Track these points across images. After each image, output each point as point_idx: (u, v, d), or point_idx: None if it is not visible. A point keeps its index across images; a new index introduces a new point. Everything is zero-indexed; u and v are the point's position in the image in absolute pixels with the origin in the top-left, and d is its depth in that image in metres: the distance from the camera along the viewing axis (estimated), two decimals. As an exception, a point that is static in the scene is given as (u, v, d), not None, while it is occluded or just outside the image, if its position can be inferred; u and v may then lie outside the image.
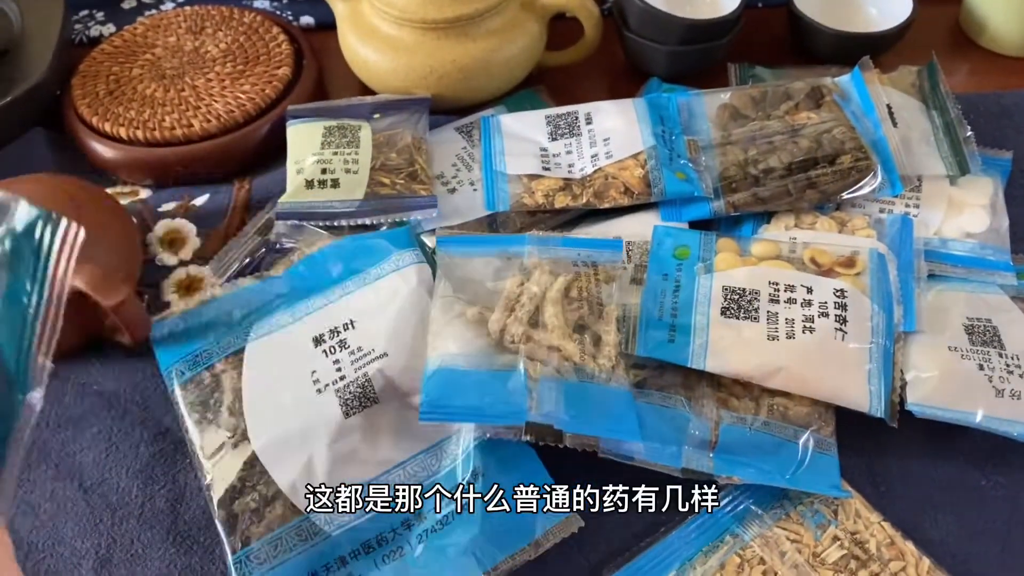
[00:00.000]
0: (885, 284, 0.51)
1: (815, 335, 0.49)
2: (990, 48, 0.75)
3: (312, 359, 0.49)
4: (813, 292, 0.50)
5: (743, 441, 0.47)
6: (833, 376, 0.48)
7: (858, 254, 0.52)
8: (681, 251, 0.54)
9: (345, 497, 0.45)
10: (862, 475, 0.48)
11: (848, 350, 0.48)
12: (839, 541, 0.45)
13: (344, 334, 0.50)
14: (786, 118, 0.60)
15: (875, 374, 0.48)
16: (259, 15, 0.75)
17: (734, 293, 0.50)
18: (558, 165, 0.60)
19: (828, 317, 0.49)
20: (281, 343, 0.50)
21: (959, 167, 0.59)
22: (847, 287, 0.50)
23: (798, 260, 0.53)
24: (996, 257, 0.56)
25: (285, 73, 0.69)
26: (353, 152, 0.59)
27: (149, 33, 0.73)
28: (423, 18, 0.63)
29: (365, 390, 0.47)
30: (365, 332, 0.50)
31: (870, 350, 0.49)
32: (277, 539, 0.44)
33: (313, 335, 0.50)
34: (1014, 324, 0.51)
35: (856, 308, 0.50)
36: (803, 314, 0.49)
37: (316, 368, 0.48)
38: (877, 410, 0.47)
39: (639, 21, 0.68)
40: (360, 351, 0.49)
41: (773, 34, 0.76)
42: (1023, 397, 0.48)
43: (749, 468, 0.46)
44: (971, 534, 0.47)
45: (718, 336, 0.49)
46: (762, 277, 0.51)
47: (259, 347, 0.50)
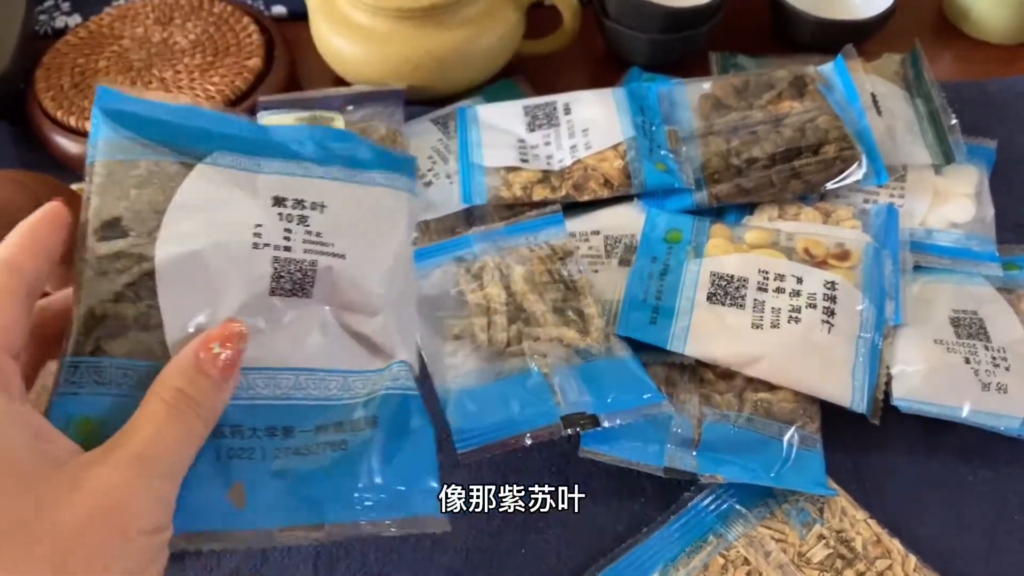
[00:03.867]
0: (879, 278, 0.51)
1: (800, 325, 0.48)
2: (974, 35, 0.74)
3: (263, 213, 0.41)
4: (803, 283, 0.49)
5: (727, 438, 0.46)
6: (815, 369, 0.47)
7: (853, 247, 0.51)
8: (673, 235, 0.53)
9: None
10: (848, 472, 0.48)
11: (833, 343, 0.48)
12: (824, 540, 0.44)
13: (309, 212, 0.42)
14: (769, 108, 0.59)
15: (859, 369, 0.47)
16: (229, 5, 0.73)
17: (722, 279, 0.50)
18: (536, 157, 0.59)
19: (816, 308, 0.48)
20: (237, 180, 0.42)
21: (944, 156, 0.58)
22: (838, 279, 0.50)
23: (791, 250, 0.52)
24: (981, 247, 0.55)
25: (256, 64, 0.67)
26: None
27: (116, 24, 0.71)
28: (398, 6, 0.61)
29: (304, 276, 0.40)
30: (332, 223, 0.42)
31: (856, 344, 0.48)
32: (129, 369, 0.37)
33: (276, 194, 0.42)
34: (1000, 316, 0.51)
35: (846, 301, 0.49)
36: (790, 304, 0.49)
37: (264, 223, 0.40)
38: (859, 406, 0.47)
39: (618, 9, 0.67)
40: (319, 237, 0.41)
41: (755, 21, 0.75)
42: (1009, 390, 0.47)
43: (733, 466, 0.45)
44: (958, 530, 0.46)
45: (701, 321, 0.49)
46: (752, 264, 0.50)
47: (212, 171, 0.42)
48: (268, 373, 0.39)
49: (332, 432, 0.40)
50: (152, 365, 0.37)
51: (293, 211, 0.41)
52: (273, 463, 0.38)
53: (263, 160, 0.43)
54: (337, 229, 0.42)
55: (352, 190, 0.45)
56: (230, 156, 0.43)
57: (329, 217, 0.42)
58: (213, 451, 0.37)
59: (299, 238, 0.41)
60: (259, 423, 0.39)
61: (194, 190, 0.41)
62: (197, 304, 0.38)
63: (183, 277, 0.38)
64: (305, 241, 0.41)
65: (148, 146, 0.42)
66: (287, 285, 0.40)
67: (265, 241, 0.40)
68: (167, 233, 0.39)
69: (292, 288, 0.40)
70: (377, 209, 0.45)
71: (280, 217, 0.41)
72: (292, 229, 0.41)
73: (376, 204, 0.45)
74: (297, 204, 0.42)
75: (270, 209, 0.41)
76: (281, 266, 0.40)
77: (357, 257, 0.42)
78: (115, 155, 0.41)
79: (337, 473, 0.39)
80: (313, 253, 0.41)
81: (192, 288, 0.38)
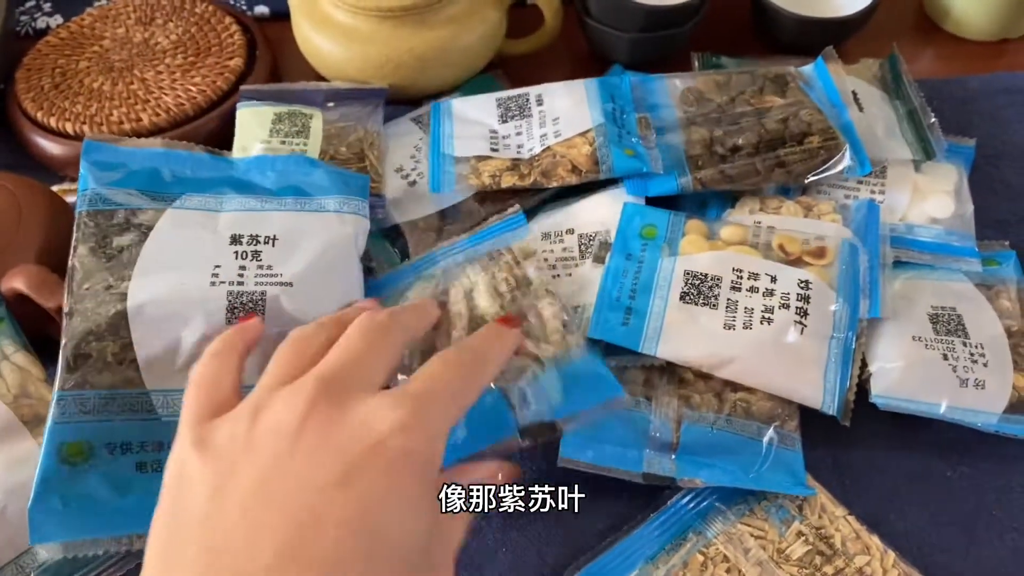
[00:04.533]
0: (854, 276, 0.51)
1: (772, 326, 0.48)
2: (954, 32, 0.75)
3: (221, 253, 0.48)
4: (777, 282, 0.49)
5: (705, 441, 0.46)
6: (787, 371, 0.47)
7: (829, 244, 0.51)
8: (648, 230, 0.53)
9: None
10: (827, 468, 0.48)
11: (805, 344, 0.48)
12: (804, 537, 0.44)
13: (262, 247, 0.48)
14: (751, 101, 0.59)
15: (831, 370, 0.47)
16: (211, 5, 0.72)
17: (696, 278, 0.49)
18: (507, 147, 0.59)
19: (788, 309, 0.48)
20: (201, 224, 0.49)
21: (924, 152, 0.58)
22: (812, 278, 0.49)
23: (766, 247, 0.52)
24: (961, 243, 0.55)
25: (237, 64, 0.67)
26: (302, 142, 0.58)
27: (97, 24, 0.71)
28: (378, 6, 0.61)
29: (255, 306, 0.46)
30: (282, 254, 0.48)
31: (829, 345, 0.48)
32: (111, 398, 0.43)
33: (233, 232, 0.49)
34: (978, 312, 0.51)
35: (819, 300, 0.49)
36: (763, 304, 0.48)
37: (222, 264, 0.47)
38: (830, 407, 0.47)
39: (600, 8, 0.67)
40: (269, 270, 0.48)
41: (737, 20, 0.75)
42: (987, 386, 0.47)
43: (712, 469, 0.45)
44: (937, 525, 0.46)
45: (674, 321, 0.48)
46: (726, 263, 0.50)
47: (180, 216, 0.49)
48: None
49: None
50: (130, 393, 0.44)
51: (248, 247, 0.48)
52: None
53: (226, 197, 0.51)
54: (286, 259, 0.49)
55: (303, 219, 0.51)
56: (197, 198, 0.50)
57: (280, 249, 0.49)
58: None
59: (251, 273, 0.47)
60: None
61: (164, 236, 0.48)
62: (165, 338, 0.45)
63: (153, 316, 0.45)
64: (256, 275, 0.47)
65: (128, 195, 0.49)
66: (241, 314, 0.46)
67: (222, 279, 0.47)
68: (139, 277, 0.46)
69: (246, 316, 0.46)
70: (325, 236, 0.50)
71: (236, 255, 0.48)
72: (246, 266, 0.47)
73: (325, 231, 0.51)
74: (252, 240, 0.49)
75: (227, 248, 0.48)
76: (235, 299, 0.46)
77: (303, 284, 0.48)
78: (98, 205, 0.48)
79: None
80: (263, 284, 0.47)
81: (160, 325, 0.45)
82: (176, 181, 0.51)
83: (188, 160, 0.52)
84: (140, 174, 0.50)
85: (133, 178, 0.50)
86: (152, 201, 0.49)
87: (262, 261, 0.48)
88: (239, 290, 0.46)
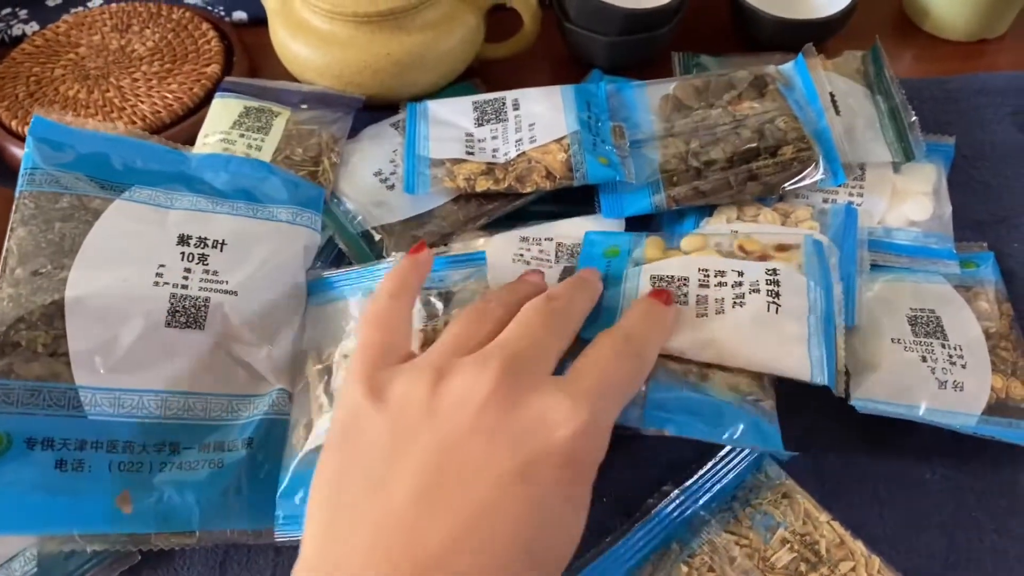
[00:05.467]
0: (823, 266, 0.50)
1: (746, 308, 0.46)
2: (934, 33, 0.75)
3: (167, 252, 0.46)
4: (744, 275, 0.48)
5: (676, 398, 0.44)
6: (769, 345, 0.45)
7: (791, 240, 0.51)
8: (611, 251, 0.52)
9: (123, 390, 0.43)
10: (807, 472, 0.47)
11: (783, 320, 0.46)
12: (789, 544, 0.44)
13: (210, 250, 0.47)
14: (729, 108, 0.59)
15: (815, 345, 0.45)
16: (188, 11, 0.72)
17: (662, 280, 0.49)
18: (482, 150, 0.58)
19: (760, 293, 0.47)
20: (149, 219, 0.47)
21: (904, 153, 0.58)
22: (780, 266, 0.48)
23: (728, 252, 0.51)
24: (939, 245, 0.55)
25: (214, 71, 0.67)
26: (260, 139, 0.57)
27: (72, 31, 0.70)
28: (355, 11, 0.61)
29: (198, 311, 0.45)
30: (229, 260, 0.47)
31: (808, 322, 0.46)
32: (37, 391, 0.42)
33: (182, 232, 0.47)
34: (957, 314, 0.51)
35: (790, 284, 0.47)
36: (733, 293, 0.47)
37: (167, 263, 0.46)
38: (819, 378, 0.44)
39: (578, 11, 0.67)
40: (215, 275, 0.47)
41: (717, 22, 0.75)
42: (965, 388, 0.47)
43: (680, 424, 0.43)
44: (917, 528, 0.46)
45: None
46: (691, 265, 0.49)
47: (128, 208, 0.47)
48: (161, 395, 0.44)
49: (213, 450, 0.44)
50: (58, 387, 0.42)
51: (195, 250, 0.47)
52: (159, 475, 0.43)
53: (176, 194, 0.49)
54: (233, 266, 0.47)
55: (254, 226, 0.50)
56: (147, 191, 0.48)
57: (227, 254, 0.48)
58: (107, 463, 0.42)
59: (196, 277, 0.46)
60: (149, 440, 0.43)
61: (109, 226, 0.46)
62: (100, 333, 0.43)
63: (90, 310, 0.43)
64: (201, 280, 0.46)
65: (75, 179, 0.47)
66: (182, 319, 0.45)
67: (165, 280, 0.45)
68: (80, 268, 0.44)
69: (186, 321, 0.45)
70: (274, 246, 0.50)
71: (182, 257, 0.46)
72: (191, 268, 0.46)
73: (274, 241, 0.50)
74: (200, 243, 0.47)
75: (174, 248, 0.46)
76: (177, 302, 0.45)
77: (247, 294, 0.47)
78: (43, 187, 0.46)
79: (211, 487, 0.43)
80: (207, 291, 0.46)
81: (97, 320, 0.43)
82: (127, 171, 0.49)
83: (139, 149, 0.50)
84: (90, 159, 0.48)
85: (82, 162, 0.48)
86: (100, 189, 0.47)
87: (208, 265, 0.47)
88: (182, 293, 0.45)
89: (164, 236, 0.47)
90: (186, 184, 0.50)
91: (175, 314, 0.45)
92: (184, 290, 0.45)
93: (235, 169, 0.51)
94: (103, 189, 0.47)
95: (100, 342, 0.43)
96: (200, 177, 0.50)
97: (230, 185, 0.51)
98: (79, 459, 0.41)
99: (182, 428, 0.44)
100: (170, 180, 0.49)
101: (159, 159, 0.50)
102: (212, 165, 0.51)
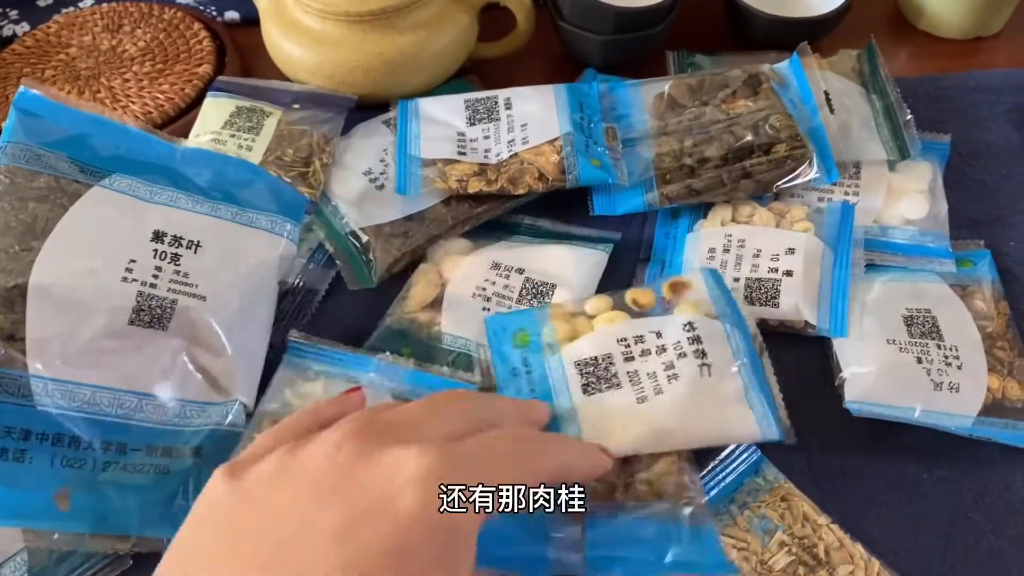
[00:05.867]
0: (726, 297, 0.49)
1: (681, 380, 0.45)
2: (929, 31, 0.74)
3: (140, 248, 0.45)
4: (663, 336, 0.47)
5: (612, 534, 0.42)
6: (714, 416, 0.45)
7: (686, 278, 0.51)
8: (521, 337, 0.49)
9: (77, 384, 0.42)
10: (803, 472, 0.47)
11: (718, 382, 0.46)
12: (787, 547, 0.43)
13: (183, 251, 0.46)
14: (723, 106, 0.59)
15: (753, 397, 0.45)
16: (180, 11, 0.72)
17: (588, 365, 0.46)
18: (474, 150, 0.58)
19: (687, 357, 0.46)
20: (126, 210, 0.46)
21: (899, 151, 0.58)
22: (692, 317, 0.47)
23: (627, 307, 0.50)
24: (936, 243, 0.55)
25: (206, 71, 0.66)
26: (251, 139, 0.57)
27: (63, 32, 0.70)
28: (347, 11, 0.60)
29: (164, 312, 0.44)
30: (202, 264, 0.46)
31: (740, 374, 0.46)
32: None
33: (157, 228, 0.46)
34: (953, 314, 0.50)
35: (709, 334, 0.47)
36: (661, 362, 0.46)
37: (137, 259, 0.45)
38: (768, 433, 0.45)
39: (572, 10, 0.66)
40: (185, 278, 0.46)
41: (711, 20, 0.75)
42: (961, 389, 0.47)
43: (626, 562, 0.41)
44: (915, 529, 0.46)
45: (589, 416, 0.45)
46: (608, 338, 0.47)
47: (106, 196, 0.46)
48: (115, 393, 0.43)
49: (160, 455, 0.43)
50: (10, 373, 0.41)
51: (168, 248, 0.46)
52: (102, 475, 0.42)
53: (157, 187, 0.48)
54: (205, 271, 0.46)
55: (232, 230, 0.49)
56: (127, 180, 0.47)
57: (201, 257, 0.47)
58: (50, 457, 0.41)
59: (167, 277, 0.45)
60: (96, 437, 0.42)
61: (84, 213, 0.45)
62: (61, 324, 0.42)
63: (53, 299, 0.42)
64: (171, 280, 0.45)
65: (55, 158, 0.46)
66: (146, 318, 0.44)
67: (135, 277, 0.44)
68: (48, 253, 0.43)
69: (151, 321, 0.44)
70: (250, 253, 0.49)
71: (155, 254, 0.45)
72: (162, 267, 0.45)
73: (251, 248, 0.49)
74: (174, 241, 0.46)
75: (147, 244, 0.45)
76: (144, 300, 0.44)
77: (216, 300, 0.46)
78: (20, 162, 0.45)
79: (154, 493, 0.43)
80: (176, 293, 0.45)
81: (60, 309, 0.42)
82: (109, 156, 0.47)
83: (125, 135, 0.49)
84: (74, 139, 0.47)
85: (66, 143, 0.46)
86: (80, 173, 0.46)
87: (180, 266, 0.45)
88: (150, 292, 0.44)
89: (139, 230, 0.45)
90: (168, 178, 0.48)
91: (140, 312, 0.44)
92: (152, 289, 0.44)
93: (219, 168, 0.50)
94: (83, 173, 0.46)
95: (59, 332, 0.42)
96: (184, 172, 0.49)
97: (213, 184, 0.49)
98: (21, 449, 0.40)
99: (132, 429, 0.43)
100: (153, 171, 0.48)
101: (145, 148, 0.49)
102: (196, 160, 0.50)
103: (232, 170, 0.51)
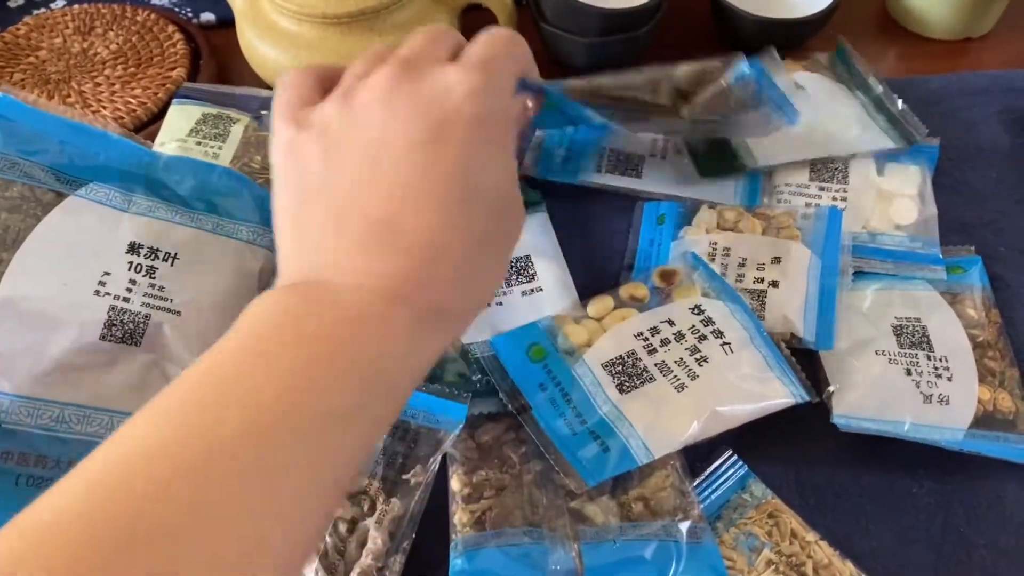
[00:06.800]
0: (716, 279, 0.50)
1: (711, 363, 0.46)
2: (917, 31, 0.73)
3: (115, 260, 0.44)
4: (675, 323, 0.48)
5: (611, 560, 0.42)
6: (753, 390, 0.45)
7: (672, 267, 0.51)
8: (536, 351, 0.48)
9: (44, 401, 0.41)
10: (789, 486, 0.46)
11: (742, 359, 0.46)
12: (774, 565, 0.42)
13: (160, 263, 0.45)
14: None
15: (775, 366, 0.46)
16: (153, 13, 0.70)
17: (615, 365, 0.47)
18: None
19: (708, 339, 0.47)
20: (101, 221, 0.44)
21: (904, 137, 0.57)
22: (697, 301, 0.49)
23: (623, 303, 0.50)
24: (926, 250, 0.54)
25: (180, 75, 0.65)
26: (217, 146, 0.56)
27: (33, 34, 0.68)
28: (323, 12, 0.59)
29: (136, 327, 0.43)
30: (179, 277, 0.45)
31: (755, 346, 0.47)
32: None
33: (133, 239, 0.45)
34: (943, 323, 0.49)
35: (719, 316, 0.48)
36: (685, 348, 0.47)
37: (112, 272, 0.43)
38: (799, 396, 0.45)
39: (555, 12, 0.65)
40: (160, 291, 0.44)
41: (697, 22, 0.74)
42: (951, 402, 0.46)
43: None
44: (904, 543, 0.45)
45: (635, 413, 0.45)
46: (625, 335, 0.48)
47: (81, 206, 0.44)
48: (84, 411, 0.42)
49: None
50: None
51: (144, 260, 0.44)
52: None
53: (135, 196, 0.46)
54: (182, 284, 0.45)
55: (211, 241, 0.47)
56: (104, 189, 0.45)
57: (177, 269, 0.45)
58: (14, 477, 0.40)
59: (141, 291, 0.43)
60: (64, 456, 0.41)
61: (58, 223, 0.43)
62: (29, 339, 0.41)
63: (22, 312, 0.41)
64: (146, 295, 0.43)
65: (31, 166, 0.44)
66: (118, 333, 0.42)
67: (108, 290, 0.43)
68: (18, 265, 0.42)
69: (123, 336, 0.43)
70: (229, 266, 0.47)
71: (129, 267, 0.44)
72: (137, 281, 0.43)
73: (230, 260, 0.47)
74: (151, 253, 0.44)
75: (122, 256, 0.44)
76: (116, 315, 0.43)
77: (192, 315, 0.45)
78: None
79: None
80: (149, 307, 0.44)
81: (27, 324, 0.41)
82: (86, 166, 0.46)
83: (104, 141, 0.47)
84: (51, 148, 0.45)
85: (43, 151, 0.45)
86: (56, 181, 0.44)
87: (155, 280, 0.44)
88: (122, 307, 0.43)
89: (114, 241, 0.44)
90: (147, 186, 0.47)
91: (112, 327, 0.42)
92: (125, 303, 0.43)
93: (202, 176, 0.49)
94: (58, 182, 0.44)
95: (27, 347, 0.40)
96: (164, 180, 0.48)
97: (192, 193, 0.48)
98: None
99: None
100: (131, 180, 0.46)
101: (124, 155, 0.47)
102: (178, 167, 0.48)
103: (215, 178, 0.49)
